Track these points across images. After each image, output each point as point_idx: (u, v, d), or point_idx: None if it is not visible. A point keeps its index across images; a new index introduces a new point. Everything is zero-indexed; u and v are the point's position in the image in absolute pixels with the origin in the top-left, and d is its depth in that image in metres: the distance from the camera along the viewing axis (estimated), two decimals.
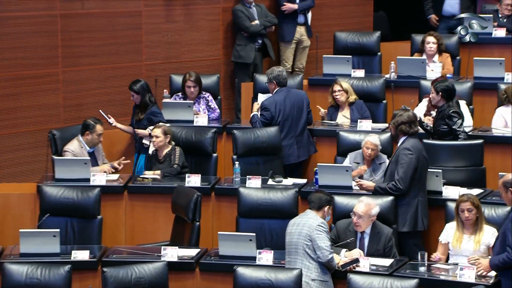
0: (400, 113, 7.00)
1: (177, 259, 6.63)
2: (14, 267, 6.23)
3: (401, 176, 6.81)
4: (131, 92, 8.28)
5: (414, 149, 6.88)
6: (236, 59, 9.55)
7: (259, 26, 9.44)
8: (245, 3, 9.58)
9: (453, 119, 7.38)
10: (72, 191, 7.13)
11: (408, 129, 6.92)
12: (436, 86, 7.52)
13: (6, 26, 8.56)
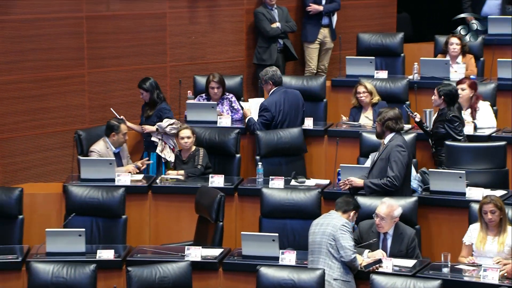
0: (386, 110, 7.04)
1: (201, 259, 6.63)
2: (41, 266, 6.27)
3: (396, 173, 6.81)
4: (140, 90, 8.32)
5: (406, 146, 6.92)
6: (258, 61, 9.56)
7: (278, 30, 9.45)
8: (267, 5, 9.58)
9: (453, 123, 7.47)
10: (97, 191, 7.16)
11: (395, 125, 6.95)
12: (439, 90, 7.61)
13: (33, 28, 8.63)
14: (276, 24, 9.49)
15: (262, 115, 8.08)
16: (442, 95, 7.60)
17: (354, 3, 10.29)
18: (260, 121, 8.08)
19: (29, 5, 8.59)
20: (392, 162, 6.84)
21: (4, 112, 8.54)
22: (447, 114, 7.54)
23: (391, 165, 6.84)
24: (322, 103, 8.87)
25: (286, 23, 9.57)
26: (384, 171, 6.90)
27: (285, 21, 9.58)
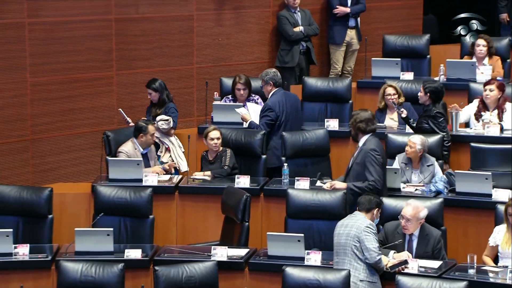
0: (357, 112, 7.08)
1: (227, 259, 6.63)
2: (70, 265, 6.30)
3: (376, 177, 6.87)
4: (149, 91, 8.30)
5: (380, 149, 6.96)
6: (281, 64, 9.56)
7: (301, 34, 9.44)
8: (290, 8, 9.58)
9: (438, 119, 7.60)
10: (125, 191, 7.19)
11: (366, 126, 6.98)
12: (426, 87, 7.71)
13: (63, 30, 8.70)
14: (299, 28, 9.48)
15: (267, 115, 8.07)
16: (428, 92, 7.70)
17: (380, 5, 10.24)
18: (265, 121, 8.07)
19: (59, 8, 8.66)
20: (370, 167, 6.88)
21: (34, 113, 8.62)
22: (431, 111, 7.64)
23: (369, 170, 6.88)
24: (347, 105, 8.83)
25: (308, 26, 9.55)
26: (361, 175, 6.91)
27: (307, 24, 9.56)
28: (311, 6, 9.79)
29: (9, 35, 8.41)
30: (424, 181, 7.44)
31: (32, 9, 8.51)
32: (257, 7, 9.69)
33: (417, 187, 7.43)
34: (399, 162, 7.58)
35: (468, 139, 7.93)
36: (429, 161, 7.51)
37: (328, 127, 8.35)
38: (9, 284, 6.52)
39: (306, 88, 8.95)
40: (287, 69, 9.56)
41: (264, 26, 9.77)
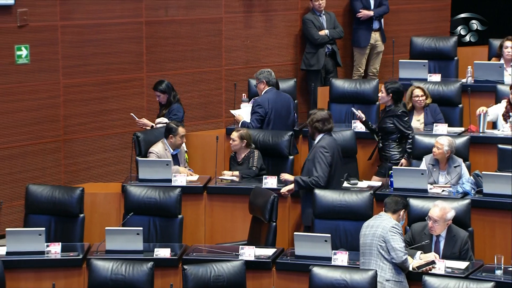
0: (314, 112, 7.15)
1: (254, 258, 6.61)
2: (100, 263, 6.32)
3: (320, 174, 6.99)
4: (157, 93, 8.23)
5: (330, 147, 7.04)
6: (306, 67, 9.54)
7: (326, 38, 9.40)
8: (316, 12, 9.55)
9: (403, 118, 7.70)
10: (155, 191, 7.20)
11: (322, 126, 7.08)
12: (387, 88, 7.79)
13: (95, 32, 8.75)
14: (324, 32, 9.45)
15: (256, 112, 8.09)
16: (390, 92, 7.78)
17: (408, 7, 10.17)
18: (255, 117, 8.09)
19: (91, 11, 8.71)
20: (316, 163, 7.00)
21: (67, 115, 8.67)
22: (396, 110, 7.72)
23: (315, 166, 7.01)
24: (374, 106, 8.77)
25: (333, 29, 9.51)
26: (311, 171, 7.05)
27: (332, 27, 9.52)
28: (334, 9, 9.74)
29: (42, 37, 8.47)
30: (451, 182, 7.37)
31: (65, 12, 8.57)
32: (285, 10, 9.67)
33: (444, 188, 7.36)
34: (426, 163, 7.52)
35: (495, 141, 7.84)
36: (456, 162, 7.44)
37: (355, 129, 8.31)
38: (41, 282, 6.56)
39: (333, 90, 8.91)
40: (313, 71, 9.54)
41: (292, 28, 9.75)
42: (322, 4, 9.52)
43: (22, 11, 8.31)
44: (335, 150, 7.10)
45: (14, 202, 8.28)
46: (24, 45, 8.37)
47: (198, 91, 9.17)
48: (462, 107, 8.53)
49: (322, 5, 9.52)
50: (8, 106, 8.34)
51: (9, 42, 8.28)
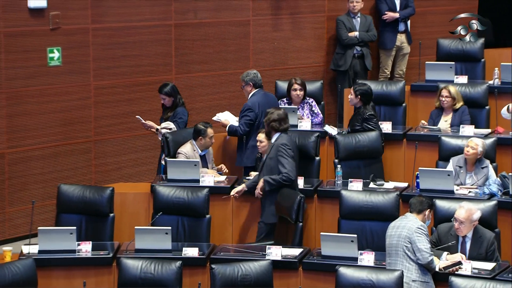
0: (272, 111, 7.27)
1: (281, 258, 6.59)
2: (130, 262, 6.33)
3: (289, 169, 7.09)
4: (163, 96, 8.09)
5: (290, 143, 7.17)
6: (335, 67, 9.53)
7: (355, 39, 9.35)
8: (351, 14, 9.51)
9: (371, 121, 7.84)
10: (183, 191, 7.21)
11: (278, 125, 7.22)
12: (356, 90, 7.90)
13: (125, 35, 8.79)
14: (354, 34, 9.41)
15: (246, 115, 8.03)
16: (358, 94, 7.87)
17: (434, 9, 10.09)
18: (244, 121, 8.05)
19: (121, 14, 8.75)
20: (282, 160, 7.09)
21: (97, 116, 8.72)
22: (364, 113, 7.84)
23: (282, 162, 7.09)
24: (401, 108, 8.72)
25: (366, 31, 9.47)
26: (275, 169, 7.10)
27: (365, 30, 9.48)
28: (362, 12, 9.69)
29: (74, 40, 8.53)
30: (477, 183, 7.30)
31: (96, 15, 8.62)
32: (312, 12, 9.65)
33: (471, 189, 7.29)
34: (453, 165, 7.45)
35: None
36: (484, 163, 7.37)
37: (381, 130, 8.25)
38: (72, 280, 6.59)
39: None
40: (341, 72, 9.52)
41: (319, 31, 9.72)
42: (357, 6, 9.48)
43: (54, 14, 8.37)
44: (294, 147, 7.21)
45: (46, 202, 8.35)
46: (56, 47, 8.44)
47: (226, 93, 9.18)
48: (489, 109, 8.44)
49: (356, 7, 9.49)
50: (40, 108, 8.40)
51: (42, 44, 8.35)
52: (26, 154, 8.26)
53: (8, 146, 8.23)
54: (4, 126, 8.20)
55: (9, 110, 8.20)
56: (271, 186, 7.15)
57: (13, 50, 8.17)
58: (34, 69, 8.33)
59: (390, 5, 9.69)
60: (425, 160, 7.90)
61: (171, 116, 8.11)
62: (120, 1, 8.72)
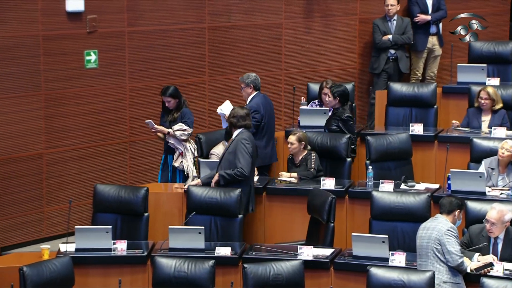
0: (234, 108, 7.34)
1: (313, 258, 6.57)
2: (164, 261, 6.36)
3: (243, 164, 7.10)
4: (167, 98, 7.97)
5: (250, 140, 7.18)
6: (370, 70, 9.52)
7: (388, 42, 9.29)
8: (386, 17, 9.47)
9: (348, 122, 7.92)
10: (216, 191, 7.22)
11: (236, 122, 7.26)
12: (333, 92, 7.99)
13: (160, 38, 8.83)
14: (387, 37, 9.36)
15: (253, 117, 7.99)
16: (337, 96, 7.97)
17: (466, 11, 9.98)
18: (252, 122, 7.96)
19: (156, 17, 8.80)
20: (239, 154, 7.11)
21: (133, 117, 8.77)
22: (342, 114, 7.93)
23: (238, 157, 7.12)
24: (432, 109, 8.65)
25: (402, 34, 9.41)
26: (233, 163, 7.13)
27: (401, 33, 9.42)
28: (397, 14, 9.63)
29: (110, 43, 8.59)
30: (509, 184, 7.21)
31: (132, 19, 8.68)
32: (344, 15, 9.60)
33: (503, 191, 7.20)
34: (486, 166, 7.37)
35: None
36: None
37: (413, 131, 8.20)
38: (108, 278, 6.63)
39: (391, 93, 8.81)
40: (375, 75, 9.49)
41: (351, 33, 9.67)
42: (392, 9, 9.42)
43: (91, 18, 8.44)
44: (254, 143, 7.24)
45: (83, 201, 8.42)
46: (93, 50, 8.50)
47: None
48: None
49: (391, 11, 9.43)
50: (77, 109, 8.48)
51: (79, 47, 8.42)
52: (64, 154, 8.34)
53: (46, 146, 8.32)
54: (42, 127, 8.29)
55: (47, 111, 8.29)
56: (225, 181, 7.17)
57: (51, 52, 8.26)
58: (71, 71, 8.41)
59: (422, 8, 9.61)
60: (456, 161, 7.82)
61: (179, 118, 8.03)
62: (155, 4, 8.76)
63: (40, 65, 8.21)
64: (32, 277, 6.03)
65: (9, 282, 5.99)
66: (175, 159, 8.00)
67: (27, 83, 8.14)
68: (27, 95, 8.16)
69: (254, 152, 7.25)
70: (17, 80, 8.08)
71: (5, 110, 8.03)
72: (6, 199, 8.04)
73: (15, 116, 8.09)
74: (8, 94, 8.04)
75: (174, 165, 7.96)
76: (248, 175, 7.15)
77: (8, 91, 8.04)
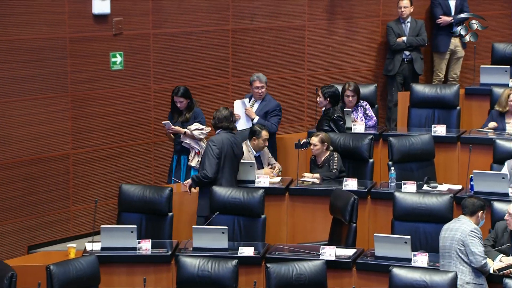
0: (218, 109, 7.42)
1: (335, 258, 6.56)
2: (188, 260, 6.38)
3: (207, 166, 7.21)
4: (180, 99, 7.97)
5: (218, 141, 7.26)
6: (385, 72, 9.47)
7: (403, 44, 9.24)
8: (400, 19, 9.42)
9: (338, 122, 8.01)
10: (239, 192, 7.23)
11: (216, 123, 7.38)
12: (324, 92, 8.05)
13: (184, 40, 8.85)
14: (401, 39, 9.32)
15: (278, 115, 8.20)
16: (327, 96, 8.04)
17: (489, 13, 9.89)
18: (277, 120, 8.23)
19: (181, 20, 8.82)
20: (205, 157, 7.27)
21: (157, 118, 8.80)
22: (333, 114, 8.03)
23: (204, 159, 7.27)
24: (455, 111, 8.60)
25: (416, 36, 9.36)
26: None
27: (416, 35, 9.36)
28: (415, 16, 9.57)
29: (136, 45, 8.63)
30: None
31: (157, 21, 8.71)
32: (367, 17, 9.57)
33: None
34: (509, 168, 7.30)
35: None
36: None
37: (435, 133, 8.16)
38: (133, 277, 6.66)
39: (413, 95, 8.77)
40: (390, 77, 9.44)
41: (374, 35, 9.63)
42: (405, 11, 9.37)
43: (117, 20, 8.49)
44: (225, 145, 7.26)
45: (108, 201, 8.47)
46: (119, 52, 8.55)
47: (281, 96, 9.16)
48: None
49: (405, 13, 9.38)
50: (102, 110, 8.53)
51: (105, 49, 8.47)
52: (90, 155, 8.39)
53: (73, 147, 8.38)
54: (69, 128, 8.35)
55: (74, 112, 8.35)
56: (195, 184, 7.33)
57: (78, 54, 8.31)
58: (97, 73, 8.46)
59: (445, 9, 9.55)
60: (479, 163, 7.76)
61: (192, 118, 8.02)
62: (180, 7, 8.79)
63: (67, 67, 8.27)
64: (59, 275, 6.08)
65: (37, 280, 6.04)
66: (191, 159, 8.00)
67: (54, 84, 8.20)
68: (54, 96, 8.22)
69: (224, 153, 7.25)
70: (45, 82, 8.15)
71: (33, 111, 8.10)
72: (34, 199, 8.11)
73: (43, 117, 8.16)
74: (36, 95, 8.11)
75: (191, 164, 7.96)
76: (211, 177, 7.20)
77: (36, 92, 8.11)
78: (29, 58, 8.03)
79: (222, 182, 7.28)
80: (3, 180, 7.91)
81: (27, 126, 8.05)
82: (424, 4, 9.65)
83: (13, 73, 7.94)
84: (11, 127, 7.95)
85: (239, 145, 7.42)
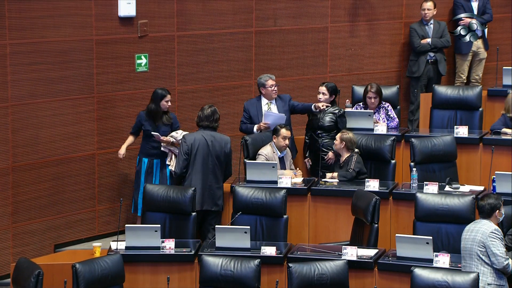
0: (202, 108, 7.56)
1: (357, 258, 6.52)
2: (211, 259, 6.37)
3: (176, 164, 7.46)
4: (169, 98, 7.92)
5: (189, 139, 7.43)
6: (409, 74, 9.41)
7: (427, 46, 9.17)
8: (423, 21, 9.34)
9: (342, 118, 8.14)
10: (261, 192, 7.22)
11: (198, 121, 7.55)
12: (328, 87, 8.20)
13: (208, 42, 8.86)
14: (426, 41, 9.25)
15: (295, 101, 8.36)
16: (332, 93, 8.17)
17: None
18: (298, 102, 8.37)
19: (205, 22, 8.83)
20: (178, 155, 7.45)
21: (181, 119, 8.80)
22: (339, 111, 8.14)
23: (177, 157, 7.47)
24: (477, 112, 8.52)
25: (440, 38, 9.28)
26: None
27: (439, 36, 9.29)
28: (439, 18, 9.48)
29: (160, 47, 8.65)
30: None
31: (181, 24, 8.72)
32: (389, 19, 9.51)
33: None
34: None
35: None
36: None
37: (457, 134, 8.08)
38: (157, 275, 6.68)
39: (436, 96, 8.70)
40: (414, 78, 9.38)
41: (396, 37, 9.57)
42: (428, 13, 9.30)
43: (142, 23, 8.51)
44: (198, 143, 7.38)
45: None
46: (144, 54, 8.58)
47: (303, 97, 9.13)
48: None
49: (428, 15, 9.31)
50: (128, 111, 8.55)
51: (130, 51, 8.50)
52: (115, 155, 8.42)
53: (98, 147, 8.41)
54: (95, 129, 8.38)
55: (99, 113, 8.38)
56: (172, 180, 7.63)
57: (104, 56, 8.35)
58: (123, 74, 8.49)
59: (467, 11, 9.46)
60: (501, 164, 7.68)
61: (173, 124, 7.94)
62: (204, 9, 8.80)
63: (93, 68, 8.31)
64: (84, 273, 6.10)
65: (63, 278, 6.07)
66: (172, 163, 7.87)
67: (81, 86, 8.24)
68: (81, 97, 8.26)
69: (195, 150, 7.35)
70: (72, 83, 8.19)
71: (60, 112, 8.14)
72: (61, 198, 8.16)
73: (70, 118, 8.20)
74: (63, 97, 8.16)
75: (171, 169, 7.84)
76: (179, 173, 7.41)
77: (63, 93, 8.15)
78: (56, 60, 8.08)
79: (192, 178, 7.36)
80: (32, 180, 7.96)
81: (54, 127, 8.10)
82: (446, 6, 9.56)
83: (40, 75, 7.99)
84: (39, 128, 8.00)
85: (221, 143, 7.46)
